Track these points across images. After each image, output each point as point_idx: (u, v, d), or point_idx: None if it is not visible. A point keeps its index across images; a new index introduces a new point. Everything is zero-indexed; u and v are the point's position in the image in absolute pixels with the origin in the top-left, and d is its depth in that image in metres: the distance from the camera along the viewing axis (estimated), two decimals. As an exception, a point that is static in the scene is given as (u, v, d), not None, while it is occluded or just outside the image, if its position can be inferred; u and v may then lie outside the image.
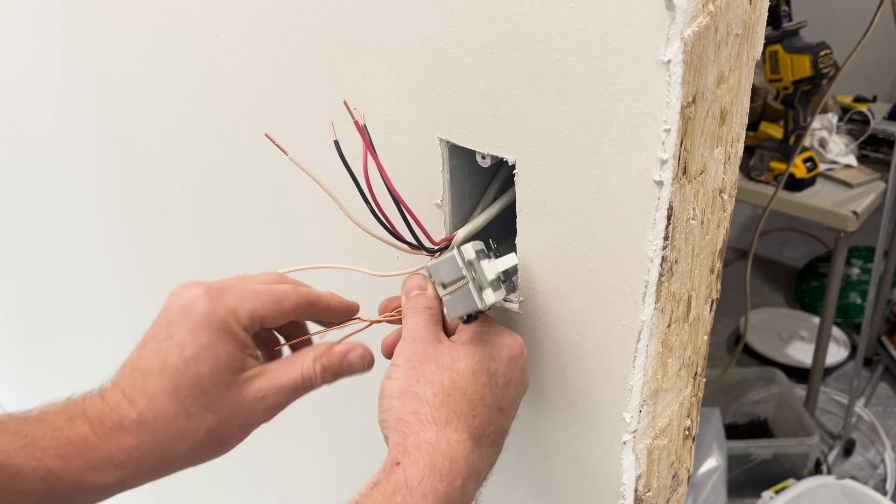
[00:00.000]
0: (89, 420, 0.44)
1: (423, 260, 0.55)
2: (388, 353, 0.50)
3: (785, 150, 1.73)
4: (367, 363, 0.49)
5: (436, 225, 0.57)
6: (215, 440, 0.45)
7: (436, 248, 0.52)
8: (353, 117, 0.47)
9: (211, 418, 0.44)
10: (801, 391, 2.12)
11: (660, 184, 0.41)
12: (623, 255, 0.45)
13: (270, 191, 0.76)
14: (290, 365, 0.46)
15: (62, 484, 0.43)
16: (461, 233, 0.54)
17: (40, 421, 0.45)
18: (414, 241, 0.51)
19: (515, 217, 0.51)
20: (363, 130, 0.47)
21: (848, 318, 2.45)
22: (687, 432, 0.59)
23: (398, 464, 0.41)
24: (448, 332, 0.50)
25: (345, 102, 0.47)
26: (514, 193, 0.50)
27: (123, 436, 0.43)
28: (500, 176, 0.57)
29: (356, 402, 0.79)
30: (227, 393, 0.44)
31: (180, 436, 0.44)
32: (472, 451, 0.44)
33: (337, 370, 0.47)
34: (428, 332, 0.47)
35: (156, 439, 0.44)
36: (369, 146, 0.47)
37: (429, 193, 0.56)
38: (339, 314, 0.51)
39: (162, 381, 0.43)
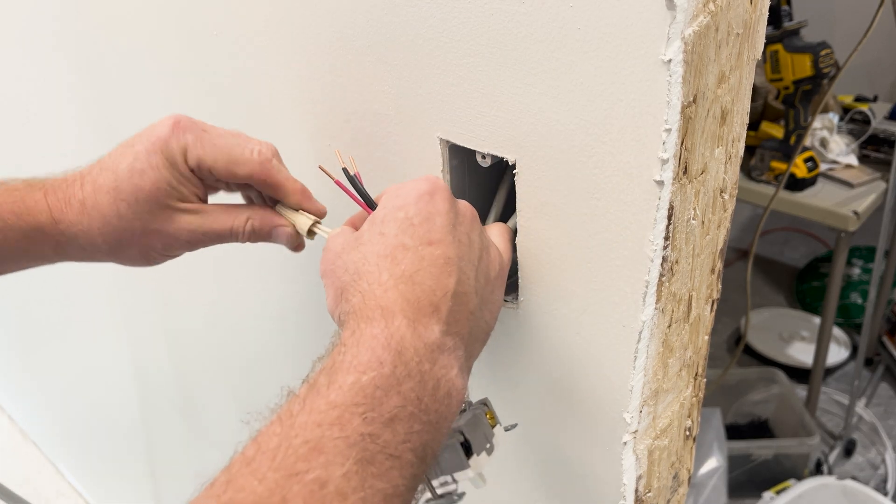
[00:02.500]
0: (45, 189, 0.52)
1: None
2: None
3: (786, 150, 1.72)
4: (293, 243, 0.54)
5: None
6: (137, 247, 0.51)
7: None
8: (344, 163, 0.49)
9: (138, 225, 0.50)
10: (801, 391, 2.12)
11: (660, 183, 0.41)
12: (623, 255, 0.45)
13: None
14: (225, 215, 0.52)
15: (12, 234, 0.51)
16: None
17: (3, 183, 0.53)
18: None
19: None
20: (349, 182, 0.49)
21: (849, 318, 2.45)
22: (687, 433, 0.58)
23: (334, 344, 0.39)
24: None
25: (337, 152, 0.52)
26: None
27: (67, 209, 0.51)
28: (507, 180, 0.57)
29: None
30: (158, 212, 0.50)
31: (109, 229, 0.50)
32: (408, 292, 0.39)
33: (264, 238, 0.53)
34: (332, 241, 0.46)
35: (89, 223, 0.50)
36: (356, 198, 0.49)
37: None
38: (296, 205, 0.53)
39: (109, 179, 0.50)
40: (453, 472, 0.48)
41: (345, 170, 0.50)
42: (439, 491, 0.48)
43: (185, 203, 0.50)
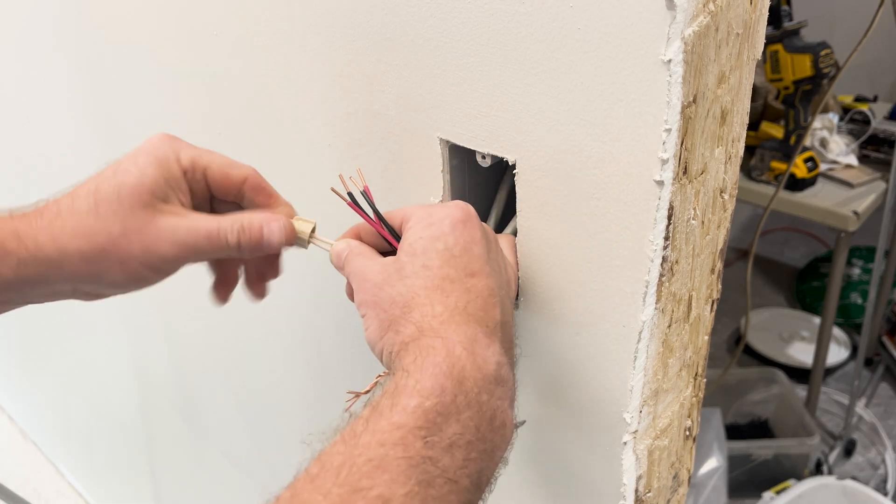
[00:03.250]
0: (10, 211, 0.47)
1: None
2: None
3: (786, 150, 1.72)
4: (287, 235, 0.50)
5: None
6: (114, 250, 0.46)
7: None
8: (358, 185, 0.48)
9: (117, 226, 0.46)
10: (801, 391, 2.12)
11: (660, 184, 0.41)
12: (623, 255, 0.45)
13: (270, 191, 0.76)
14: (210, 217, 0.49)
15: None
16: None
17: None
18: None
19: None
20: (365, 201, 0.48)
21: (849, 319, 2.45)
22: (687, 433, 0.58)
23: (388, 372, 0.39)
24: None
25: (358, 171, 0.50)
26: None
27: (35, 219, 0.46)
28: (507, 180, 0.57)
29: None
30: (140, 211, 0.46)
31: (84, 231, 0.46)
32: (464, 322, 0.40)
33: (255, 238, 0.49)
34: (369, 270, 0.45)
35: (61, 227, 0.46)
36: (370, 219, 0.48)
37: (429, 193, 0.56)
38: (288, 214, 0.52)
39: (89, 184, 0.47)
40: None
41: (363, 192, 0.48)
42: None
43: (170, 205, 0.48)
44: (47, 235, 0.45)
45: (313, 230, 0.51)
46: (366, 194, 0.48)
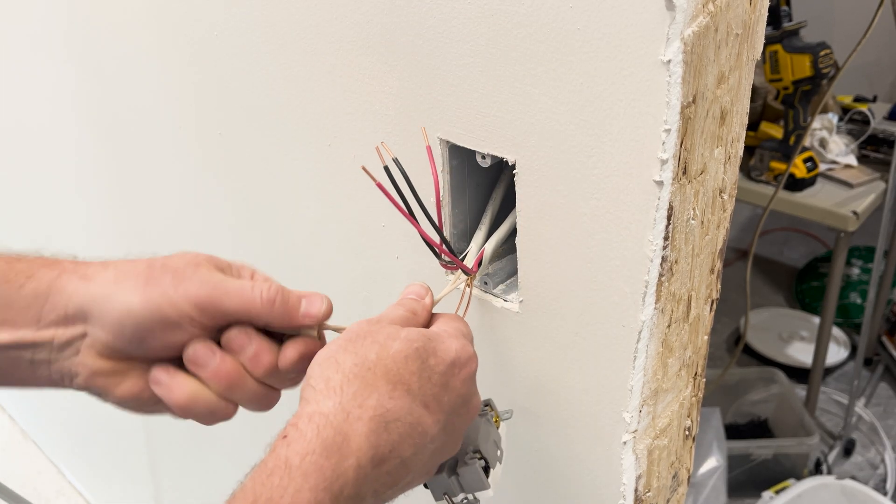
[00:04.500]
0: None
1: (424, 262, 0.55)
2: None
3: (785, 150, 1.72)
4: (329, 308, 0.47)
5: (436, 218, 0.57)
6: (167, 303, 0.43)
7: (473, 271, 0.53)
8: (386, 161, 0.46)
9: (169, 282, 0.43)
10: (801, 391, 2.12)
11: (660, 184, 0.41)
12: (623, 255, 0.45)
13: (270, 191, 0.76)
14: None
15: None
16: (489, 248, 0.54)
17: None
18: (452, 256, 0.51)
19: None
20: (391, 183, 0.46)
21: (848, 318, 2.45)
22: (687, 432, 0.59)
23: (285, 437, 0.37)
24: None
25: (383, 144, 0.47)
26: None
27: (89, 266, 0.44)
28: (504, 178, 0.57)
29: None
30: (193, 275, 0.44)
31: (137, 276, 0.43)
32: (374, 432, 0.38)
33: (293, 302, 0.45)
34: (387, 318, 0.45)
35: (115, 276, 0.44)
36: (397, 204, 0.46)
37: (429, 193, 0.56)
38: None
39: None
40: (475, 492, 0.48)
41: (395, 160, 0.46)
42: None
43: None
44: (102, 278, 0.44)
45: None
46: (398, 163, 0.46)
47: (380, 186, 0.45)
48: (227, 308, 0.43)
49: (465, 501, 0.48)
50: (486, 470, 0.48)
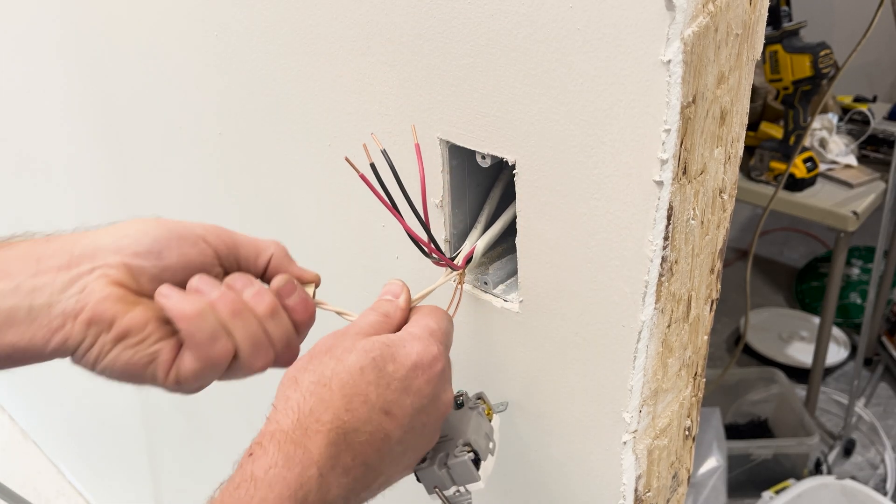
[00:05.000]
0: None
1: (425, 262, 0.55)
2: None
3: (785, 150, 1.73)
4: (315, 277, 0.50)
5: (436, 225, 0.57)
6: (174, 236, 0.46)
7: (460, 268, 0.53)
8: (370, 157, 0.47)
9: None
10: (801, 391, 2.12)
11: (660, 184, 0.41)
12: (623, 255, 0.45)
13: (270, 191, 0.76)
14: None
15: None
16: (480, 245, 0.54)
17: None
18: (438, 252, 0.51)
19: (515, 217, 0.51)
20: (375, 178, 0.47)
21: (848, 318, 2.45)
22: (687, 432, 0.59)
23: (250, 454, 0.40)
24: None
25: (372, 135, 0.48)
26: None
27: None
28: (503, 177, 0.57)
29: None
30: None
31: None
32: (333, 443, 0.40)
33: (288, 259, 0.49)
34: (355, 328, 0.45)
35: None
36: (381, 197, 0.47)
37: (429, 193, 0.56)
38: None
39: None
40: (465, 485, 0.48)
41: (383, 151, 0.47)
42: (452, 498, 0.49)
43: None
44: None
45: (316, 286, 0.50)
46: (386, 155, 0.47)
47: (363, 178, 0.45)
48: (238, 238, 0.47)
49: (456, 494, 0.49)
50: (477, 462, 0.48)
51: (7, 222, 1.46)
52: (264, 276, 0.49)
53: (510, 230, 0.53)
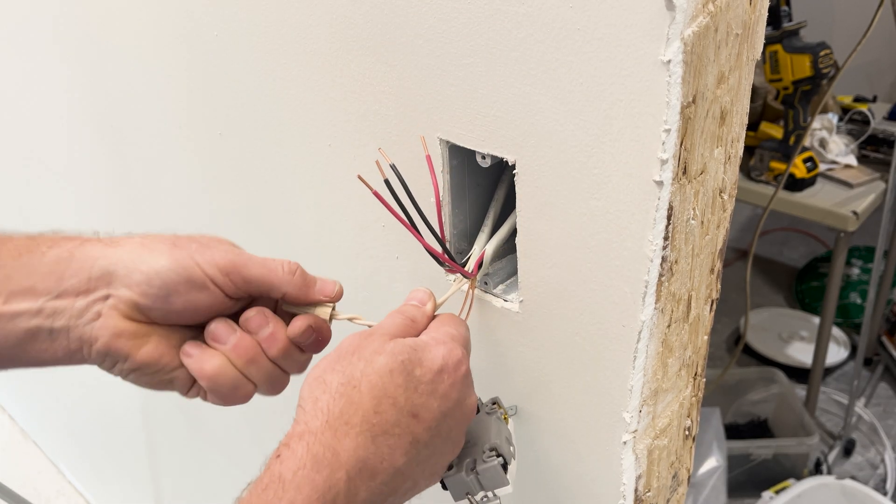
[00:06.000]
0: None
1: (424, 262, 0.55)
2: None
3: (785, 150, 1.73)
4: (340, 291, 0.50)
5: (436, 225, 0.57)
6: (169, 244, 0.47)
7: (472, 275, 0.53)
8: (385, 171, 0.47)
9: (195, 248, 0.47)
10: (801, 391, 2.12)
11: (660, 184, 0.41)
12: (623, 255, 0.45)
13: (270, 191, 0.76)
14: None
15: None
16: (489, 250, 0.54)
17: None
18: (451, 262, 0.51)
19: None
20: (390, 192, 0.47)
21: (848, 318, 2.45)
22: (687, 432, 0.59)
23: (278, 456, 0.40)
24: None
25: (380, 150, 0.48)
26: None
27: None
28: (506, 179, 0.57)
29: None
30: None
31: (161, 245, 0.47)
32: (362, 446, 0.40)
33: (309, 279, 0.48)
34: (382, 330, 0.46)
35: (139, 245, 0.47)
36: (395, 212, 0.47)
37: (429, 193, 0.56)
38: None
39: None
40: (494, 489, 0.49)
41: (388, 181, 0.47)
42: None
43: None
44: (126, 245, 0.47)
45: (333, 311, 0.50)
46: (395, 169, 0.47)
47: (377, 195, 0.46)
48: (250, 274, 0.46)
49: (484, 499, 0.49)
50: (505, 467, 0.48)
51: (10, 215, 1.46)
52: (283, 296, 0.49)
53: (512, 230, 0.53)
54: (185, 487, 1.46)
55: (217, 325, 0.47)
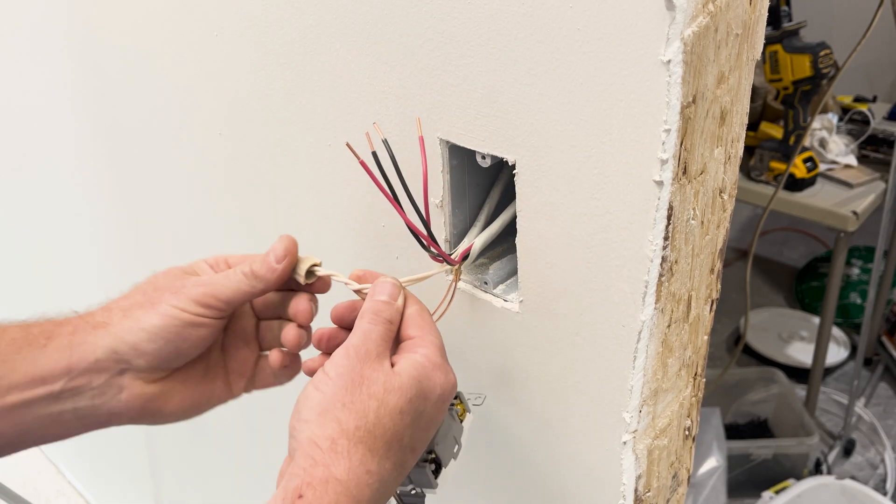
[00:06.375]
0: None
1: (424, 262, 0.55)
2: (311, 374, 0.48)
3: (785, 150, 1.73)
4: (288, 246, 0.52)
5: (436, 225, 0.57)
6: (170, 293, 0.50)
7: (455, 263, 0.54)
8: (374, 145, 0.47)
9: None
10: (801, 391, 2.12)
11: (660, 184, 0.41)
12: (623, 255, 0.45)
13: (270, 190, 0.76)
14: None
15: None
16: (478, 242, 0.54)
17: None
18: (435, 245, 0.51)
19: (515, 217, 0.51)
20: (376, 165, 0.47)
21: (848, 318, 2.45)
22: (687, 432, 0.59)
23: (301, 496, 0.39)
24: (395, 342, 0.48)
25: (375, 125, 0.49)
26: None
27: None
28: (503, 177, 0.57)
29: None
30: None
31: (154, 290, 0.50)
32: (378, 491, 0.42)
33: (266, 261, 0.51)
34: (375, 349, 0.45)
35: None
36: (380, 185, 0.47)
37: (429, 194, 0.56)
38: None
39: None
40: (422, 488, 0.49)
41: (375, 153, 0.48)
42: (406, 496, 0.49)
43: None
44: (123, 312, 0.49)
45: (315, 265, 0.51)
46: (387, 144, 0.48)
47: (363, 165, 0.46)
48: (225, 296, 0.49)
49: (413, 492, 0.49)
50: (437, 471, 0.49)
51: (7, 219, 1.46)
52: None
53: (510, 230, 0.53)
54: (184, 487, 1.46)
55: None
